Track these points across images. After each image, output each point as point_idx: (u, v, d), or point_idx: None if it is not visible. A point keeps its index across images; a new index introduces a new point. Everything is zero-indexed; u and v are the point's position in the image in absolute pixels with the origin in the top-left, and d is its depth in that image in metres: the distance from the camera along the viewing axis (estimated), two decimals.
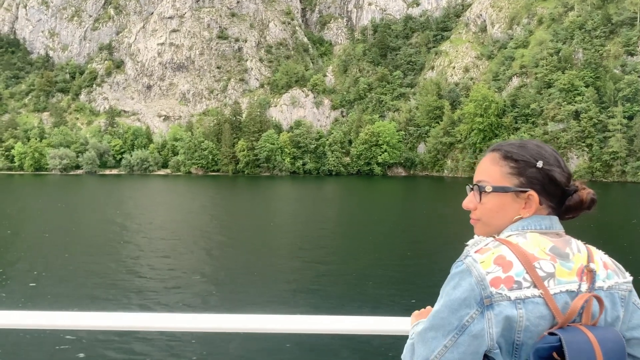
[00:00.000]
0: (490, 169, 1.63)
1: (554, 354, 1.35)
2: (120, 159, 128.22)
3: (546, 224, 1.55)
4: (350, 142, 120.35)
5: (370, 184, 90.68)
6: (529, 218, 1.56)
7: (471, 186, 1.67)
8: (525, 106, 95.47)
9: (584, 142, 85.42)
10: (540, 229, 1.54)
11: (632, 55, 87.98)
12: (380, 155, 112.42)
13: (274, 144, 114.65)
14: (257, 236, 27.53)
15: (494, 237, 1.55)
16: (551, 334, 1.38)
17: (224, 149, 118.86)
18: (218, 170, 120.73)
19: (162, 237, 26.97)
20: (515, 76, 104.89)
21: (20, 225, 30.42)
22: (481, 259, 1.44)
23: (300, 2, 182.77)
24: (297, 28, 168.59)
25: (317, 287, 16.02)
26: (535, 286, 1.41)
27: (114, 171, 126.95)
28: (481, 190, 1.61)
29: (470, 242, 1.56)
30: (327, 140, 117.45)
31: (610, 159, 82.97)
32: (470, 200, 1.66)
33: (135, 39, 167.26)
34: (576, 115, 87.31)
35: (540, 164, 1.55)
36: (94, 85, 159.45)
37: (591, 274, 1.46)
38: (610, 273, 1.51)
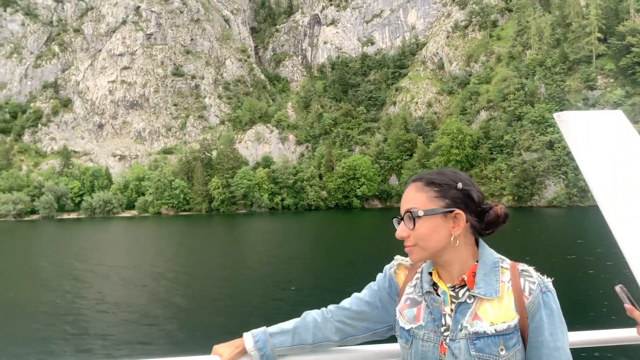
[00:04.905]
0: (417, 196, 1.78)
1: None
2: (80, 202, 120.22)
3: None
4: (320, 176, 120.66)
5: (352, 217, 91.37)
6: (486, 248, 1.84)
7: (399, 217, 1.81)
8: (499, 137, 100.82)
9: (559, 170, 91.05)
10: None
11: (592, 89, 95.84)
12: (359, 188, 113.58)
13: (250, 180, 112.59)
14: (241, 275, 27.52)
15: (505, 264, 1.81)
16: None
17: (197, 187, 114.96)
18: (190, 210, 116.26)
19: (141, 282, 26.24)
20: (483, 110, 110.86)
21: None
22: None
23: (253, 40, 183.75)
24: (253, 65, 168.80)
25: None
26: None
27: (73, 215, 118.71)
28: (414, 216, 1.73)
29: (507, 272, 1.79)
30: (305, 175, 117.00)
31: (585, 185, 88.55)
32: (402, 230, 1.77)
33: (84, 76, 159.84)
34: (550, 145, 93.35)
35: (460, 185, 1.77)
36: (39, 125, 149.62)
37: None
38: None
